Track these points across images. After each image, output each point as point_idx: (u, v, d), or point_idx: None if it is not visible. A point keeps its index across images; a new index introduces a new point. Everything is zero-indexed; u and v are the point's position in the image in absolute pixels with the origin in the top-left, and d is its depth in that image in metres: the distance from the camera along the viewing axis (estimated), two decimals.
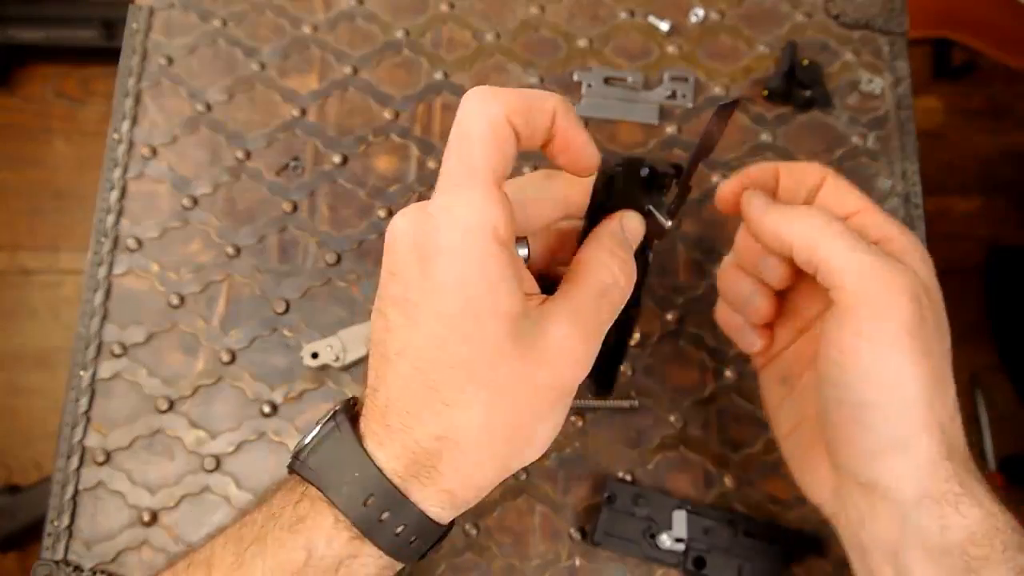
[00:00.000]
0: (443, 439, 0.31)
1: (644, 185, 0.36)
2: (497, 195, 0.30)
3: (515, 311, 0.30)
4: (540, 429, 0.33)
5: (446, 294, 0.30)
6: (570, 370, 0.32)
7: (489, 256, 0.29)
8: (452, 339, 0.30)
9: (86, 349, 0.52)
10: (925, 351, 0.35)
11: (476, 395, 0.31)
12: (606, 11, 0.59)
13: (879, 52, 0.58)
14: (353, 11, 0.59)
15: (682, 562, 0.47)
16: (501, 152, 0.31)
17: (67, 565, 0.48)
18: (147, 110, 0.57)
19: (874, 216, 0.39)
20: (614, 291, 0.33)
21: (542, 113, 0.32)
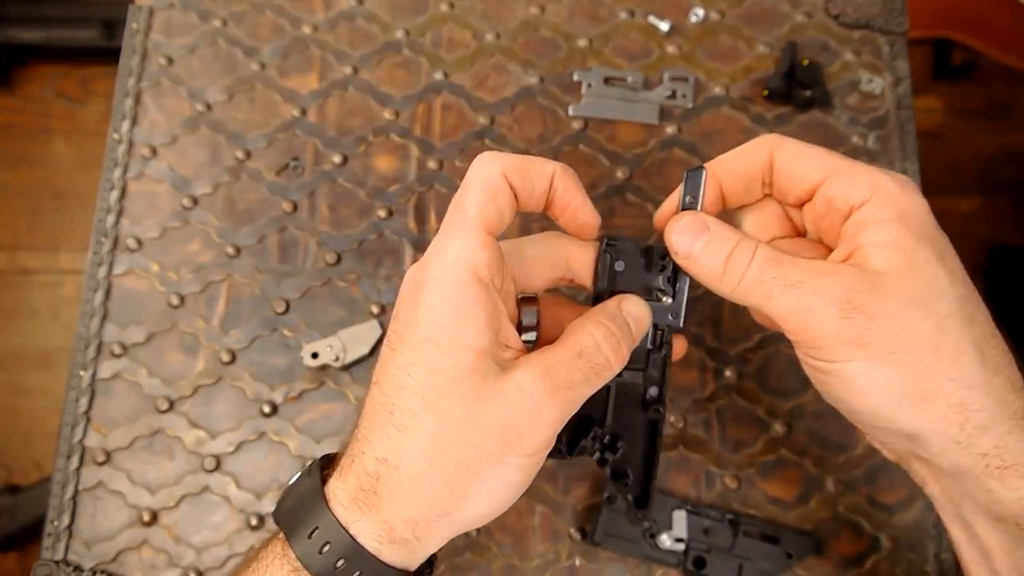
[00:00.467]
0: (385, 461, 0.32)
1: (649, 267, 0.37)
2: (483, 239, 0.32)
3: (480, 346, 0.31)
4: (486, 478, 0.32)
5: (421, 322, 0.32)
6: (528, 420, 0.31)
7: (463, 287, 0.32)
8: (417, 364, 0.32)
9: (86, 349, 0.52)
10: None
11: (424, 421, 0.31)
12: (606, 11, 0.59)
13: (879, 52, 0.58)
14: (353, 11, 0.59)
15: (682, 562, 0.47)
16: (494, 203, 0.33)
17: (67, 565, 0.48)
18: (147, 110, 0.57)
19: (847, 174, 0.34)
20: (595, 355, 0.33)
21: (540, 175, 0.34)
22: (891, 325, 0.31)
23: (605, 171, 0.55)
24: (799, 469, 0.50)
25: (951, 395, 0.32)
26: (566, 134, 0.56)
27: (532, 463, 0.32)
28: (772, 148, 0.36)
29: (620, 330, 0.34)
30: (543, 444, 0.32)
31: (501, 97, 0.57)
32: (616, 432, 0.38)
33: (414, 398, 0.32)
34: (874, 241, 0.33)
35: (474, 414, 0.31)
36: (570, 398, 0.32)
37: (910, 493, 0.50)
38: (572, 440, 0.37)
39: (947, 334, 0.32)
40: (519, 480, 0.33)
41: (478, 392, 0.31)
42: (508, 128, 0.56)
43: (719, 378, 0.51)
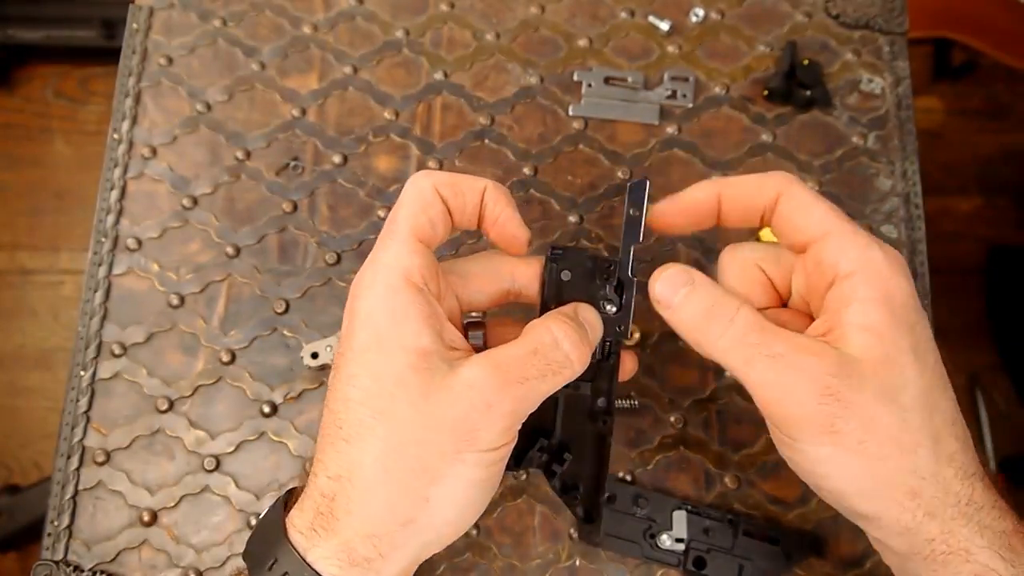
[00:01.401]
0: (339, 478, 0.31)
1: (595, 277, 0.36)
2: (413, 246, 0.33)
3: (421, 346, 0.31)
4: (445, 477, 0.31)
5: (358, 330, 0.32)
6: (479, 413, 0.31)
7: (397, 292, 0.32)
8: (360, 374, 0.32)
9: (86, 349, 0.52)
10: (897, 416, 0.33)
11: (374, 429, 0.31)
12: (606, 11, 0.59)
13: (879, 52, 0.58)
14: (353, 11, 0.59)
15: (682, 562, 0.47)
16: (425, 214, 0.34)
17: (67, 565, 0.48)
18: (147, 110, 0.57)
19: (841, 239, 0.34)
20: (553, 352, 0.33)
21: (471, 190, 0.35)
22: (862, 416, 0.32)
23: (605, 171, 0.55)
24: None
25: (905, 484, 0.32)
26: (566, 134, 0.56)
27: (491, 460, 0.32)
28: (781, 190, 0.36)
29: (577, 327, 0.34)
30: (498, 438, 0.31)
31: (501, 97, 0.57)
32: (564, 443, 0.37)
33: (360, 408, 0.31)
34: (855, 322, 0.33)
35: (424, 413, 0.31)
36: (523, 393, 0.32)
37: None
38: (519, 452, 0.36)
39: (909, 426, 0.32)
40: (481, 479, 0.32)
41: (426, 390, 0.31)
42: (508, 128, 0.56)
43: (719, 378, 0.51)
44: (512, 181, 0.55)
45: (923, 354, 0.33)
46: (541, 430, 0.37)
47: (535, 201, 0.55)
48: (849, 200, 0.55)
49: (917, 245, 0.54)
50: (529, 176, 0.55)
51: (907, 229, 0.54)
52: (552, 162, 0.56)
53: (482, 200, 0.36)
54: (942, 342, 0.53)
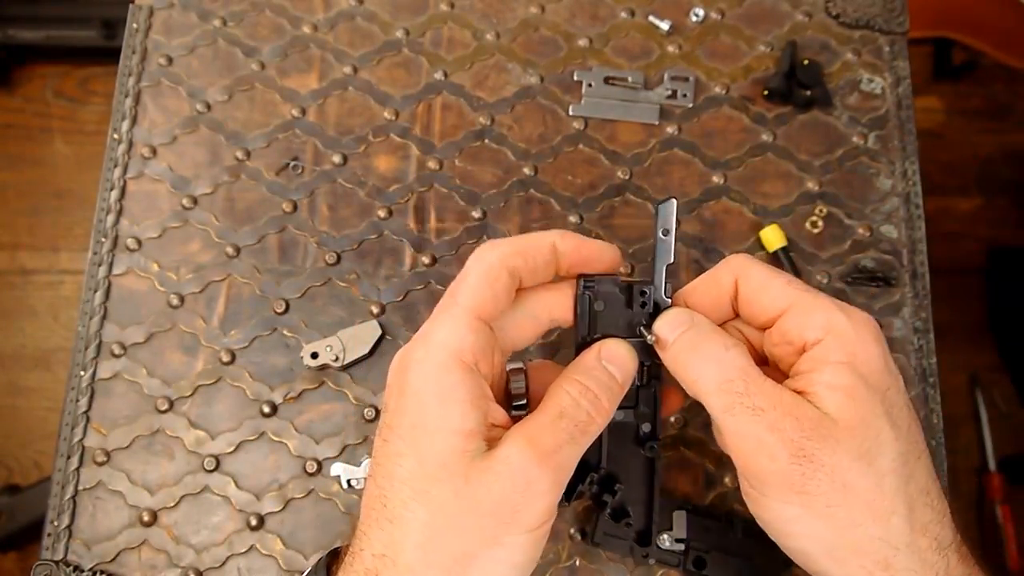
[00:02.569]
0: (382, 557, 0.31)
1: (629, 303, 0.36)
2: (472, 324, 0.33)
3: (467, 429, 0.31)
4: (485, 561, 0.30)
5: (407, 408, 0.32)
6: (520, 494, 0.30)
7: (447, 371, 0.32)
8: (406, 453, 0.32)
9: (86, 349, 0.52)
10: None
11: (416, 512, 0.31)
12: (606, 11, 0.59)
13: (879, 52, 0.58)
14: (353, 11, 0.59)
15: (682, 562, 0.47)
16: (490, 289, 0.34)
17: (67, 565, 0.48)
18: (147, 110, 0.57)
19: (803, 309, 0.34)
20: (575, 413, 0.33)
21: (539, 249, 0.35)
22: (834, 479, 0.32)
23: (605, 171, 0.55)
24: None
25: (877, 553, 0.32)
26: (566, 134, 0.56)
27: (533, 540, 0.31)
28: (737, 275, 0.36)
29: (597, 383, 0.34)
30: (540, 517, 0.31)
31: (501, 97, 0.57)
32: (612, 472, 0.37)
33: (404, 488, 0.31)
34: (827, 382, 0.33)
35: (465, 497, 0.30)
36: (559, 463, 0.32)
37: None
38: (569, 486, 0.35)
39: (884, 491, 0.32)
40: (521, 561, 0.31)
41: (467, 474, 0.31)
42: (508, 128, 0.56)
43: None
44: (512, 181, 0.55)
45: (897, 419, 0.33)
46: (588, 463, 0.36)
47: (535, 201, 0.55)
48: (849, 200, 0.55)
49: (917, 245, 0.54)
50: (529, 176, 0.55)
51: (907, 229, 0.54)
52: (552, 162, 0.56)
53: (554, 252, 0.35)
54: (942, 342, 0.53)
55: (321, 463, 0.50)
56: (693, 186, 0.55)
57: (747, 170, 0.55)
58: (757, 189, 0.55)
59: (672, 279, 0.37)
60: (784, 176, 0.55)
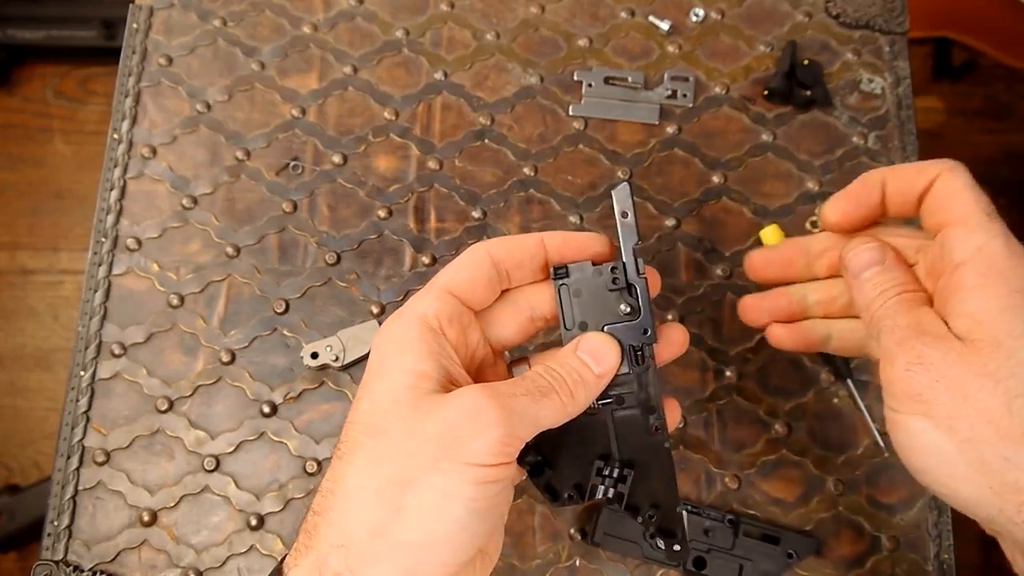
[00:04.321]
0: (327, 492, 0.32)
1: (606, 287, 0.36)
2: (440, 295, 0.35)
3: (421, 370, 0.32)
4: (420, 486, 0.30)
5: (371, 363, 0.34)
6: (466, 422, 0.30)
7: (408, 327, 0.33)
8: (362, 397, 0.33)
9: (86, 349, 0.52)
10: None
11: (364, 444, 0.31)
12: (606, 11, 0.59)
13: (879, 52, 0.58)
14: (353, 11, 0.59)
15: (682, 562, 0.47)
16: (467, 271, 0.35)
17: (67, 565, 0.48)
18: (147, 110, 0.57)
19: (966, 228, 0.34)
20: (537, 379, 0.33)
21: (524, 243, 0.36)
22: (954, 392, 0.32)
23: (605, 171, 0.55)
24: (799, 469, 0.50)
25: (1006, 475, 0.31)
26: (566, 134, 0.56)
27: (475, 476, 0.30)
28: (941, 172, 0.37)
29: (566, 369, 0.34)
30: (484, 451, 0.30)
31: (501, 97, 0.57)
32: (625, 461, 0.36)
33: (356, 427, 0.32)
34: (960, 310, 0.33)
35: (411, 426, 0.31)
36: (512, 407, 0.31)
37: (910, 493, 0.50)
38: (581, 480, 0.36)
39: (1012, 413, 0.31)
40: (463, 495, 0.30)
41: (416, 405, 0.31)
42: (508, 128, 0.56)
43: (719, 378, 0.51)
44: (512, 181, 0.55)
45: None
46: (600, 459, 0.36)
47: (535, 201, 0.55)
48: None
49: None
50: (529, 176, 0.55)
51: None
52: (552, 162, 0.56)
53: (544, 247, 0.36)
54: None
55: (321, 463, 0.50)
56: (693, 186, 0.55)
57: (747, 170, 0.55)
58: (757, 189, 0.55)
59: (643, 256, 0.37)
60: (784, 176, 0.55)
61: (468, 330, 0.35)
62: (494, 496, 0.31)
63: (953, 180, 0.36)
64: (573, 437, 0.36)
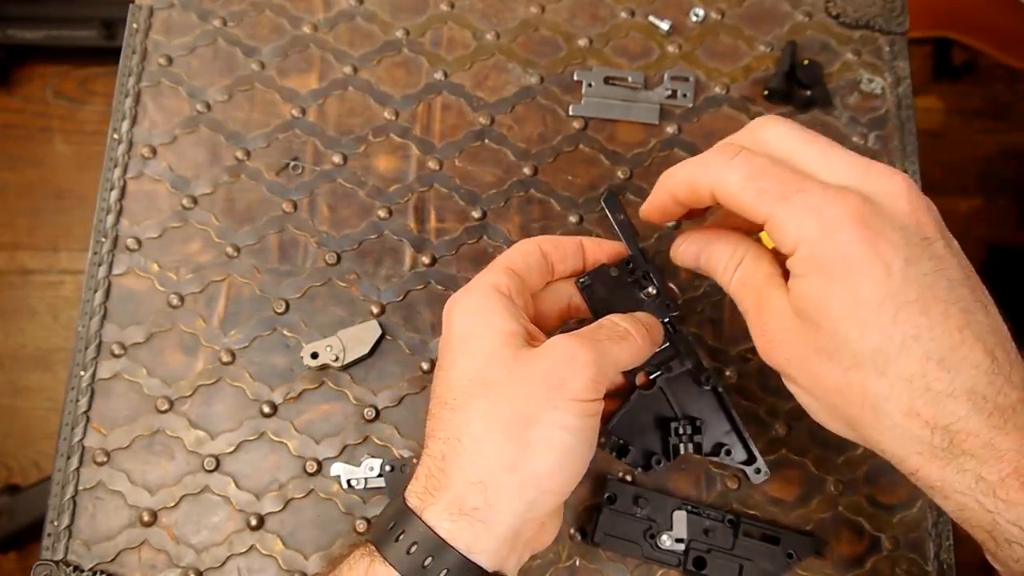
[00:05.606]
0: (448, 440, 0.35)
1: (626, 281, 0.42)
2: (505, 271, 0.39)
3: (510, 329, 0.36)
4: (542, 422, 0.34)
5: (454, 330, 0.37)
6: (564, 365, 0.34)
7: (485, 296, 0.37)
8: (458, 358, 0.36)
9: (86, 349, 0.52)
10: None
11: (475, 394, 0.35)
12: (606, 11, 0.59)
13: (879, 52, 0.58)
14: (353, 11, 0.59)
15: (682, 562, 0.47)
16: (521, 257, 0.40)
17: (67, 565, 0.48)
18: (147, 110, 0.57)
19: (775, 228, 0.34)
20: (613, 327, 0.38)
21: (568, 241, 0.41)
22: (802, 365, 0.35)
23: (605, 171, 0.55)
24: (800, 469, 0.50)
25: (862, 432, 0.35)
26: (566, 134, 0.56)
27: (581, 411, 0.34)
28: (713, 190, 0.36)
29: (629, 316, 0.39)
30: (585, 390, 0.34)
31: (501, 97, 0.57)
32: (692, 417, 0.42)
33: (461, 382, 0.35)
34: (793, 291, 0.35)
35: (516, 373, 0.34)
36: (599, 349, 0.35)
37: (910, 493, 0.50)
38: (661, 446, 0.42)
39: (851, 385, 0.33)
40: (574, 427, 0.34)
41: (516, 356, 0.35)
42: (508, 128, 0.56)
43: (719, 378, 0.51)
44: (512, 181, 0.55)
45: (866, 317, 0.32)
46: (667, 420, 0.42)
47: (535, 201, 0.55)
48: None
49: None
50: (529, 176, 0.55)
51: None
52: (552, 162, 0.56)
53: (582, 249, 0.42)
54: None
55: (321, 463, 0.50)
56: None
57: None
58: None
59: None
60: None
61: (528, 305, 0.40)
62: (594, 428, 0.35)
63: (731, 193, 0.35)
64: (640, 415, 0.41)
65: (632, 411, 0.41)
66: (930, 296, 0.33)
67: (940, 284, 0.33)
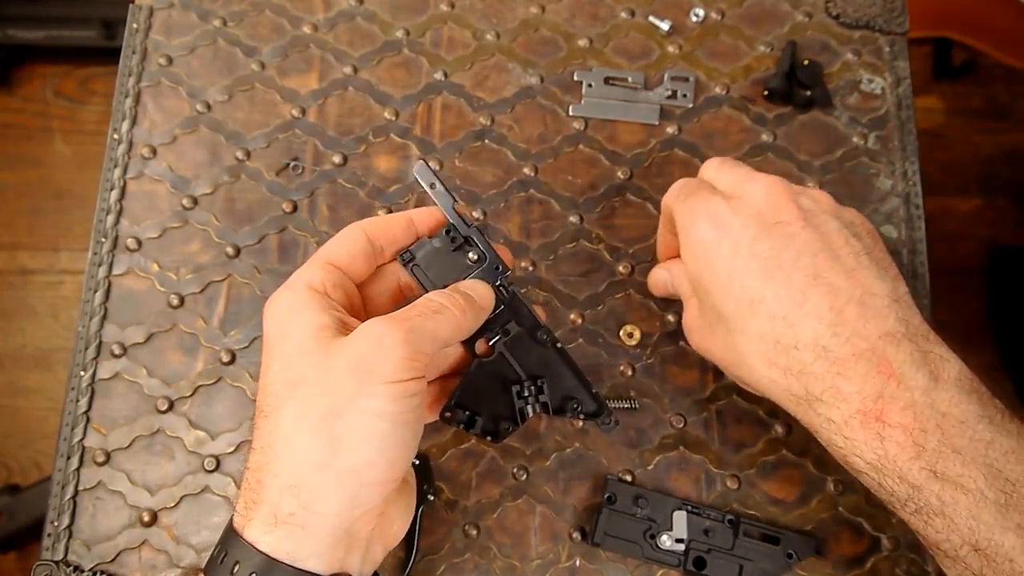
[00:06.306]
0: (263, 449, 0.33)
1: (449, 249, 0.40)
2: (322, 266, 0.37)
3: (320, 322, 0.35)
4: (350, 413, 0.32)
5: (267, 329, 0.36)
6: (372, 348, 0.33)
7: (296, 293, 0.36)
8: (271, 361, 0.35)
9: (86, 349, 0.52)
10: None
11: (286, 396, 0.33)
12: (606, 11, 0.59)
13: (879, 52, 0.58)
14: (353, 11, 0.59)
15: (682, 563, 0.47)
16: (343, 247, 0.38)
17: (67, 565, 0.48)
18: (147, 110, 0.57)
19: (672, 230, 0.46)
20: (427, 303, 0.36)
21: (396, 220, 0.40)
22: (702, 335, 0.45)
23: (605, 171, 0.55)
24: (800, 469, 0.50)
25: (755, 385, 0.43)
26: (566, 134, 0.56)
27: (396, 392, 0.32)
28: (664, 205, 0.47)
29: (447, 291, 0.38)
30: (397, 370, 0.33)
31: (501, 97, 0.57)
32: (535, 375, 0.41)
33: (274, 386, 0.34)
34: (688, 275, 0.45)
35: (324, 367, 0.33)
36: (410, 326, 0.34)
37: None
38: (510, 411, 0.40)
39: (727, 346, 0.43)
40: (388, 412, 0.32)
41: (325, 350, 0.33)
42: (508, 128, 0.56)
43: (719, 378, 0.51)
44: (512, 181, 0.55)
45: (709, 285, 0.42)
46: (510, 383, 0.41)
47: (535, 201, 0.55)
48: (849, 200, 0.55)
49: (917, 245, 0.54)
50: (529, 176, 0.55)
51: (907, 229, 0.54)
52: (552, 162, 0.56)
53: (411, 223, 0.40)
54: None
55: None
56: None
57: None
58: None
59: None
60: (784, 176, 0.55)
61: (351, 296, 0.38)
62: (415, 409, 0.34)
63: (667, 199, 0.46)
64: (484, 383, 0.40)
65: (475, 380, 0.40)
66: (774, 266, 0.39)
67: (785, 255, 0.39)
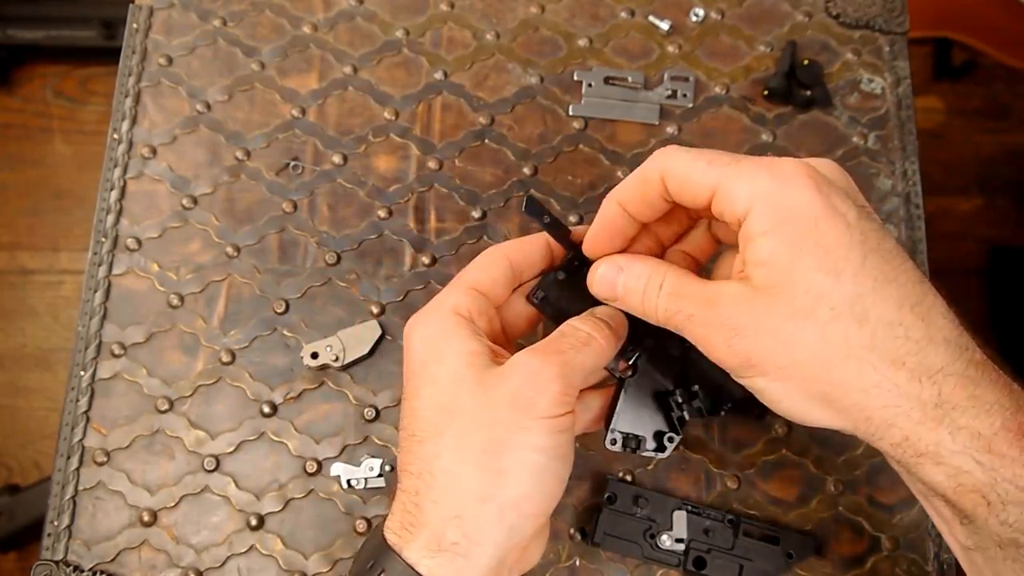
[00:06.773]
0: (420, 475, 0.34)
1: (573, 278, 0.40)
2: (467, 291, 0.38)
3: (472, 349, 0.35)
4: (513, 447, 0.33)
5: (416, 352, 0.37)
6: (530, 383, 0.34)
7: (444, 317, 0.37)
8: (421, 385, 0.36)
9: (86, 349, 0.52)
10: None
11: (443, 424, 0.34)
12: (606, 11, 0.59)
13: (879, 52, 0.58)
14: (353, 11, 0.59)
15: (682, 562, 0.47)
16: (486, 272, 0.39)
17: (67, 565, 0.48)
18: (146, 110, 0.57)
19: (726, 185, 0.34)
20: (575, 333, 0.36)
21: (534, 243, 0.40)
22: (775, 343, 0.32)
23: (605, 171, 0.55)
24: (799, 469, 0.50)
25: (846, 398, 0.32)
26: (566, 134, 0.56)
27: (553, 427, 0.33)
28: (662, 173, 0.35)
29: (589, 318, 0.38)
30: (554, 405, 0.33)
31: (501, 97, 0.57)
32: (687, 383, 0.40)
33: (427, 412, 0.35)
34: (753, 259, 0.33)
35: (483, 397, 0.34)
36: (563, 360, 0.34)
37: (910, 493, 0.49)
38: (670, 423, 0.40)
39: (830, 341, 0.32)
40: (547, 445, 0.33)
41: (480, 379, 0.34)
42: (508, 128, 0.56)
43: None
44: (512, 181, 0.55)
45: (837, 263, 0.32)
46: (666, 393, 0.40)
47: None
48: None
49: (917, 245, 0.54)
50: (529, 176, 0.55)
51: (907, 229, 0.54)
52: (552, 162, 0.56)
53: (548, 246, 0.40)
54: None
55: (321, 463, 0.50)
56: None
57: None
58: None
59: None
60: None
61: (492, 322, 0.39)
62: (567, 443, 0.35)
63: (678, 169, 0.35)
64: (633, 402, 0.40)
65: (628, 401, 0.40)
66: (887, 248, 0.33)
67: (889, 241, 0.33)
